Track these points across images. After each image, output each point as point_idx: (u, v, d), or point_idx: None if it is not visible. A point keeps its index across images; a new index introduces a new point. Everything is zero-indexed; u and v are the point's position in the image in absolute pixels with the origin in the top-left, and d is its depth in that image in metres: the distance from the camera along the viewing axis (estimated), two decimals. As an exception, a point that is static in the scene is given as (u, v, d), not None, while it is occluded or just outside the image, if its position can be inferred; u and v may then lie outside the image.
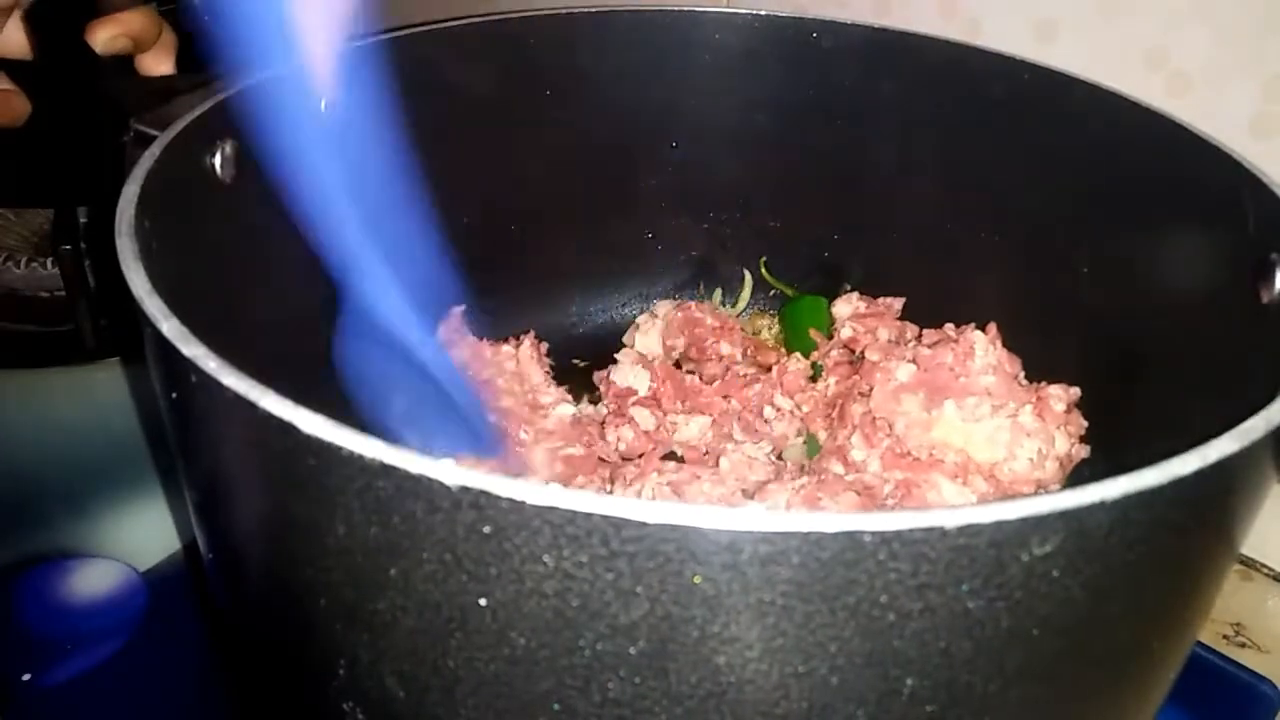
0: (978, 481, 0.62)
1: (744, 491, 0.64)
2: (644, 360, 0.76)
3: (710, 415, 0.72)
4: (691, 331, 0.78)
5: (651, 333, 0.80)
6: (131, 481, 0.73)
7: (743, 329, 0.81)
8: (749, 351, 0.79)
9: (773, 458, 0.69)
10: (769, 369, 0.76)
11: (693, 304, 0.81)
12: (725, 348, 0.78)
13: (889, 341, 0.73)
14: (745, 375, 0.75)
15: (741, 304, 0.85)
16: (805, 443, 0.70)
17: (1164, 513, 0.33)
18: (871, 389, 0.65)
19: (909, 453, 0.63)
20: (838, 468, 0.64)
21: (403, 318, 0.50)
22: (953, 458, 0.62)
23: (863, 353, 0.72)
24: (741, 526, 0.29)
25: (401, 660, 0.36)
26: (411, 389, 0.54)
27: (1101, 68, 0.64)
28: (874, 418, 0.64)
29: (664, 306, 0.82)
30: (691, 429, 0.71)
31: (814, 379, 0.73)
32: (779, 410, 0.71)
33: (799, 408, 0.71)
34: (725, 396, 0.73)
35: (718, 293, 0.86)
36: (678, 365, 0.78)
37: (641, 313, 0.84)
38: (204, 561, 0.46)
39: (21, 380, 0.79)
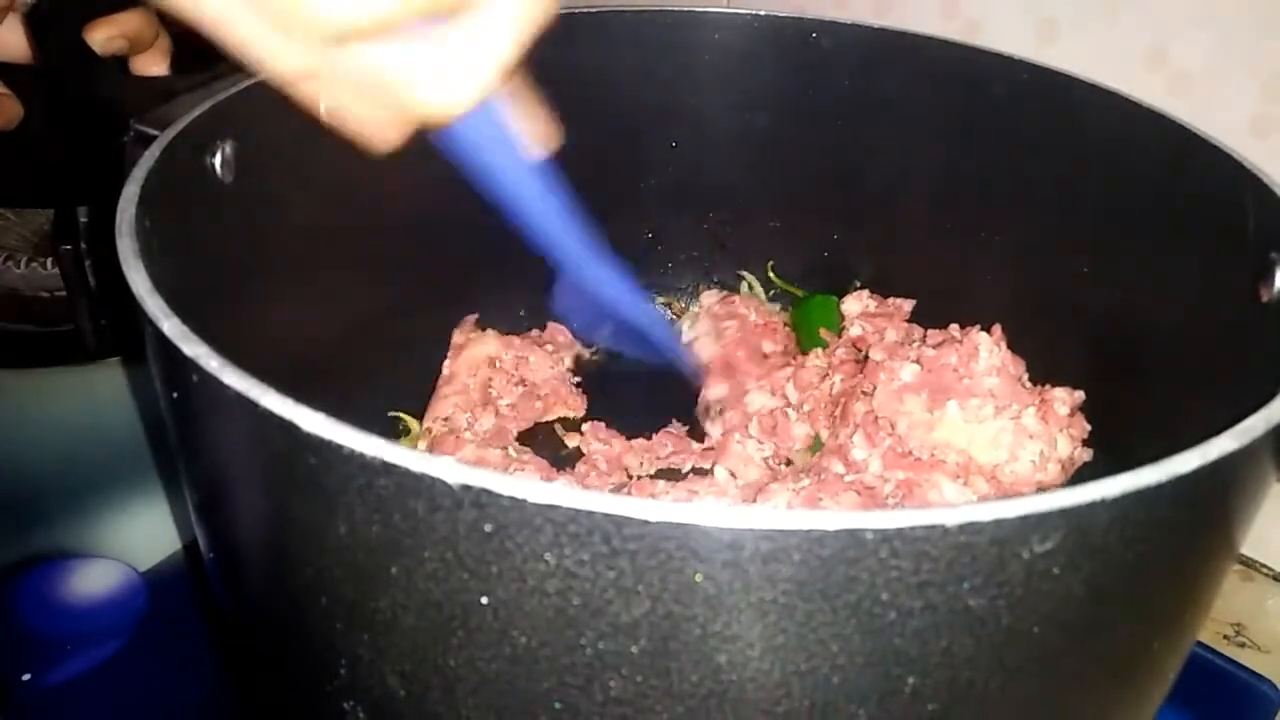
0: (979, 483, 0.62)
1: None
2: (717, 329, 0.78)
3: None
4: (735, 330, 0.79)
5: (703, 320, 0.80)
6: (131, 481, 0.73)
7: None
8: (788, 349, 0.79)
9: (773, 463, 0.69)
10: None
11: (737, 299, 0.81)
12: (768, 345, 0.78)
13: (895, 342, 0.73)
14: (774, 357, 0.76)
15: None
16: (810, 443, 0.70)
17: (1164, 511, 0.33)
18: (875, 388, 0.65)
19: (910, 453, 0.63)
20: (838, 467, 0.64)
21: (605, 280, 0.65)
22: (954, 458, 0.62)
23: (867, 352, 0.72)
24: (743, 524, 0.29)
25: (403, 659, 0.36)
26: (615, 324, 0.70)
27: (1101, 68, 0.64)
28: (876, 417, 0.64)
29: (709, 296, 0.82)
30: (755, 401, 0.72)
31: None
32: (799, 410, 0.71)
33: (801, 406, 0.71)
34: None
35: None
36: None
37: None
38: (205, 561, 0.46)
39: (21, 380, 0.79)
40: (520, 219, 0.58)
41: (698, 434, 0.73)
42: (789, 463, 0.70)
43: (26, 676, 0.61)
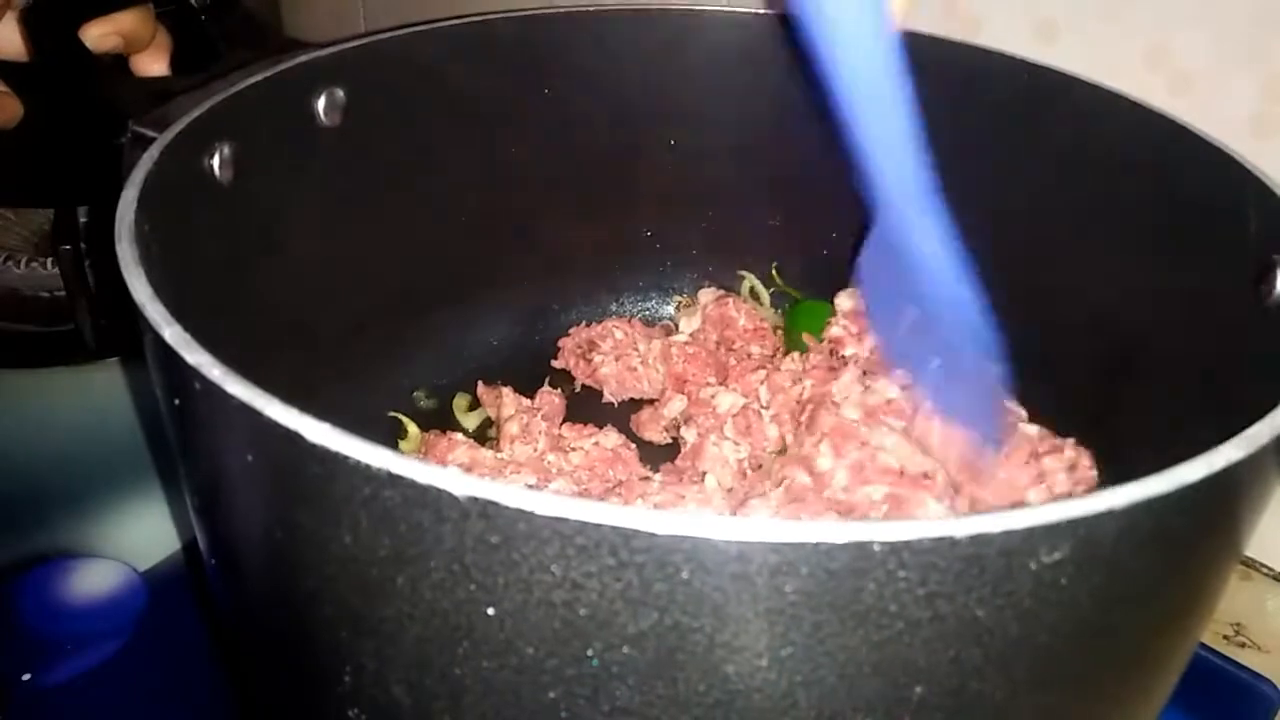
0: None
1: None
2: (664, 351, 0.78)
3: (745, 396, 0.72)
4: (722, 332, 0.79)
5: (694, 318, 0.81)
6: (131, 481, 0.73)
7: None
8: (776, 352, 0.79)
9: (748, 465, 0.69)
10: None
11: (731, 300, 0.81)
12: (755, 349, 0.78)
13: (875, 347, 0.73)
14: (754, 358, 0.75)
15: (742, 303, 0.85)
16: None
17: (1171, 520, 0.33)
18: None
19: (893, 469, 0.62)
20: (802, 477, 0.62)
21: (935, 251, 0.52)
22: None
23: (842, 353, 0.73)
24: (751, 537, 0.29)
25: (408, 669, 0.36)
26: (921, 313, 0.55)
27: (1101, 68, 0.64)
28: (845, 430, 0.63)
29: (706, 295, 0.82)
30: (724, 402, 0.71)
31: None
32: (767, 409, 0.71)
33: (766, 408, 0.71)
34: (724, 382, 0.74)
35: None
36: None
37: (639, 311, 0.85)
38: (206, 567, 0.46)
39: (21, 380, 0.79)
40: (850, 113, 0.47)
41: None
42: (760, 466, 0.69)
43: (26, 676, 0.61)
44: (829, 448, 0.62)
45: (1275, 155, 0.55)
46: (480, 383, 0.75)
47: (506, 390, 0.73)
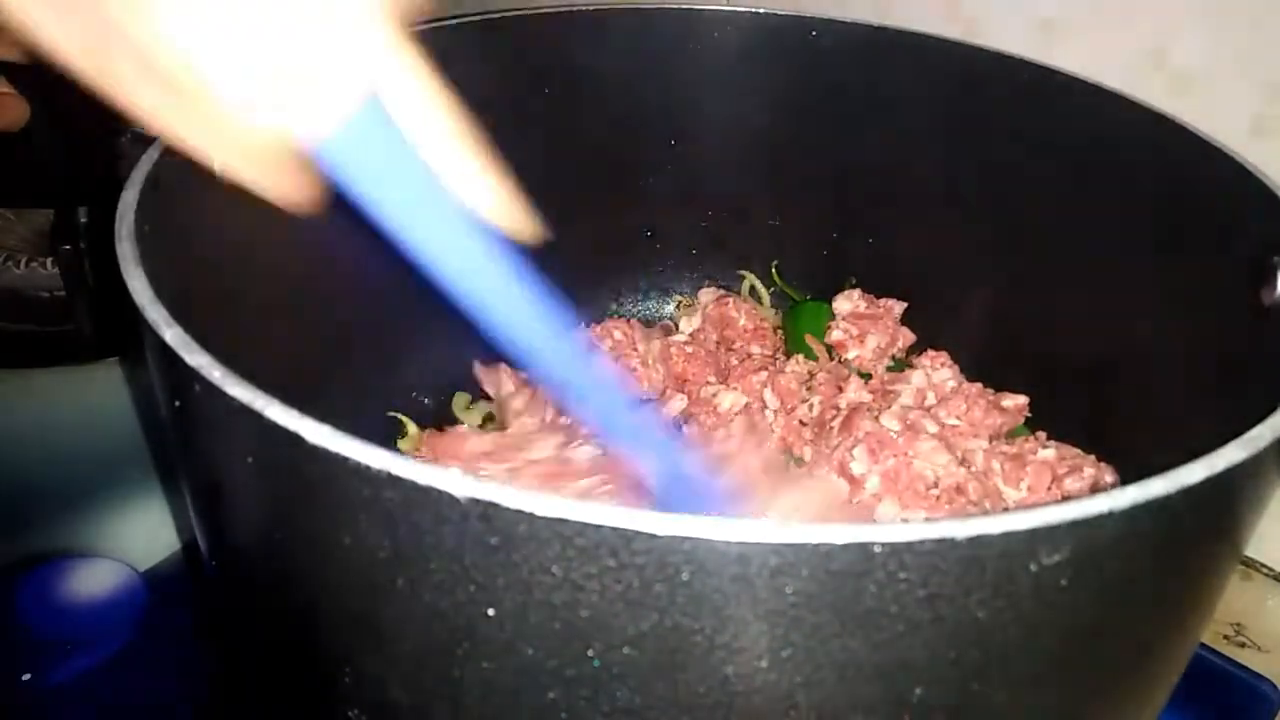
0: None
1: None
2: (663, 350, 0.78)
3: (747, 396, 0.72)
4: (722, 332, 0.79)
5: (694, 318, 0.81)
6: (131, 481, 0.73)
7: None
8: (777, 352, 0.79)
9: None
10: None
11: (731, 300, 0.81)
12: (756, 349, 0.78)
13: (877, 348, 0.73)
14: (755, 358, 0.75)
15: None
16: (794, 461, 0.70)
17: (1171, 521, 0.33)
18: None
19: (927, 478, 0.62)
20: (834, 478, 0.64)
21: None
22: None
23: (843, 357, 0.73)
24: (751, 538, 0.29)
25: (408, 669, 0.36)
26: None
27: (1101, 68, 0.64)
28: (880, 439, 0.64)
29: (707, 294, 0.82)
30: (725, 401, 0.72)
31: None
32: (775, 412, 0.71)
33: (777, 416, 0.71)
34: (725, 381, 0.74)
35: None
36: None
37: (639, 312, 0.85)
38: (206, 568, 0.46)
39: (21, 380, 0.79)
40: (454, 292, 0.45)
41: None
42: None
43: (27, 676, 0.61)
44: (864, 452, 0.62)
45: (1275, 155, 0.55)
46: (477, 362, 0.74)
47: (504, 368, 0.72)
